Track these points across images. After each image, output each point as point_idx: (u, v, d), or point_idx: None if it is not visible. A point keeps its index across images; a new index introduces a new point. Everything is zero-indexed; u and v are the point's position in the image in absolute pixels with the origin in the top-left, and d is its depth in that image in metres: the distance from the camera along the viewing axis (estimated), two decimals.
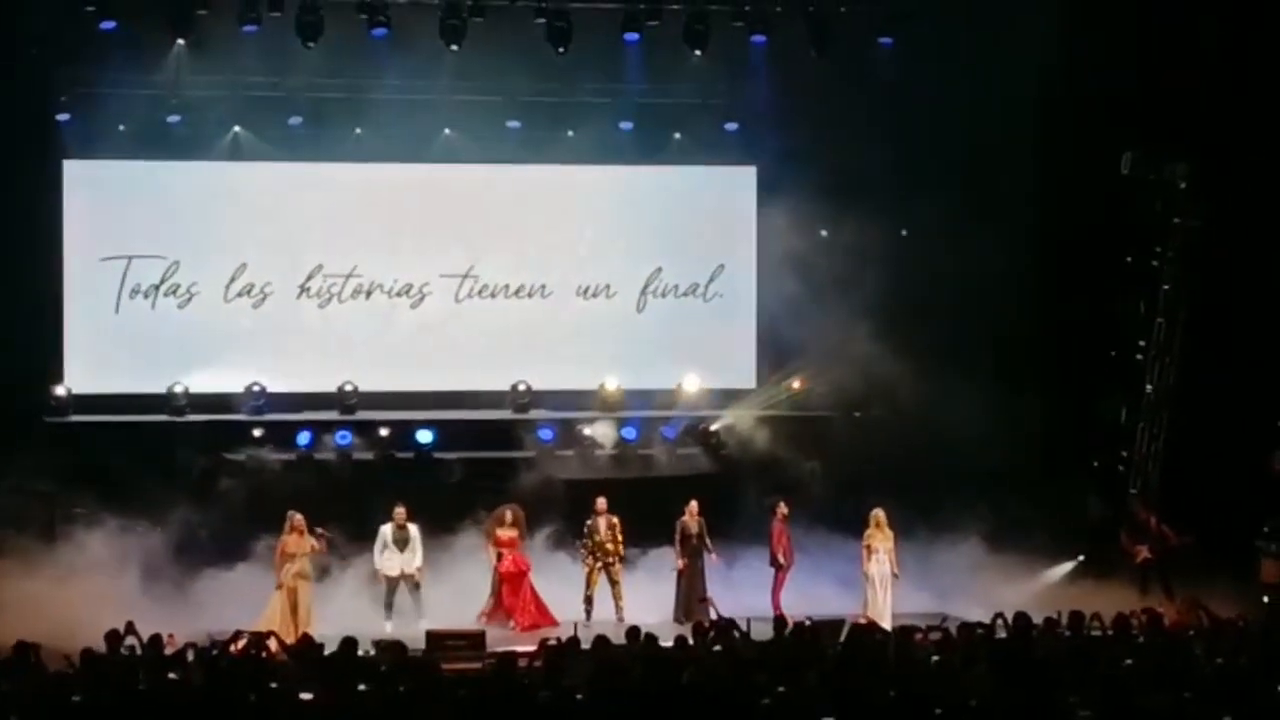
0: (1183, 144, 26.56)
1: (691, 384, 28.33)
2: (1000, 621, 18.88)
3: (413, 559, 24.23)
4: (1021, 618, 18.48)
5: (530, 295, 28.59)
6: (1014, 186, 27.25)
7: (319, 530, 23.57)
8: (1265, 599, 24.34)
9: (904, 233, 27.71)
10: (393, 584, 24.19)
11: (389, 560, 24.22)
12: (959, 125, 26.78)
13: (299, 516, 23.48)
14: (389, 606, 24.11)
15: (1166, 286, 27.07)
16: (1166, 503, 26.49)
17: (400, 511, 24.37)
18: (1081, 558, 26.53)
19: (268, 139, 27.70)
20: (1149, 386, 27.14)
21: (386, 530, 24.29)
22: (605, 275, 28.71)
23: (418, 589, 24.24)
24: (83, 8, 25.68)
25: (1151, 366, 27.14)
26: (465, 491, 26.53)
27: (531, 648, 18.31)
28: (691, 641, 18.24)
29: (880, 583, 24.23)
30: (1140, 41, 26.18)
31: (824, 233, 27.63)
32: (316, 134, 27.74)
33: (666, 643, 18.21)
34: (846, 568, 25.10)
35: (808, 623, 19.27)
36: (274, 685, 16.13)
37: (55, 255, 27.15)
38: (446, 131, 28.02)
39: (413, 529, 24.34)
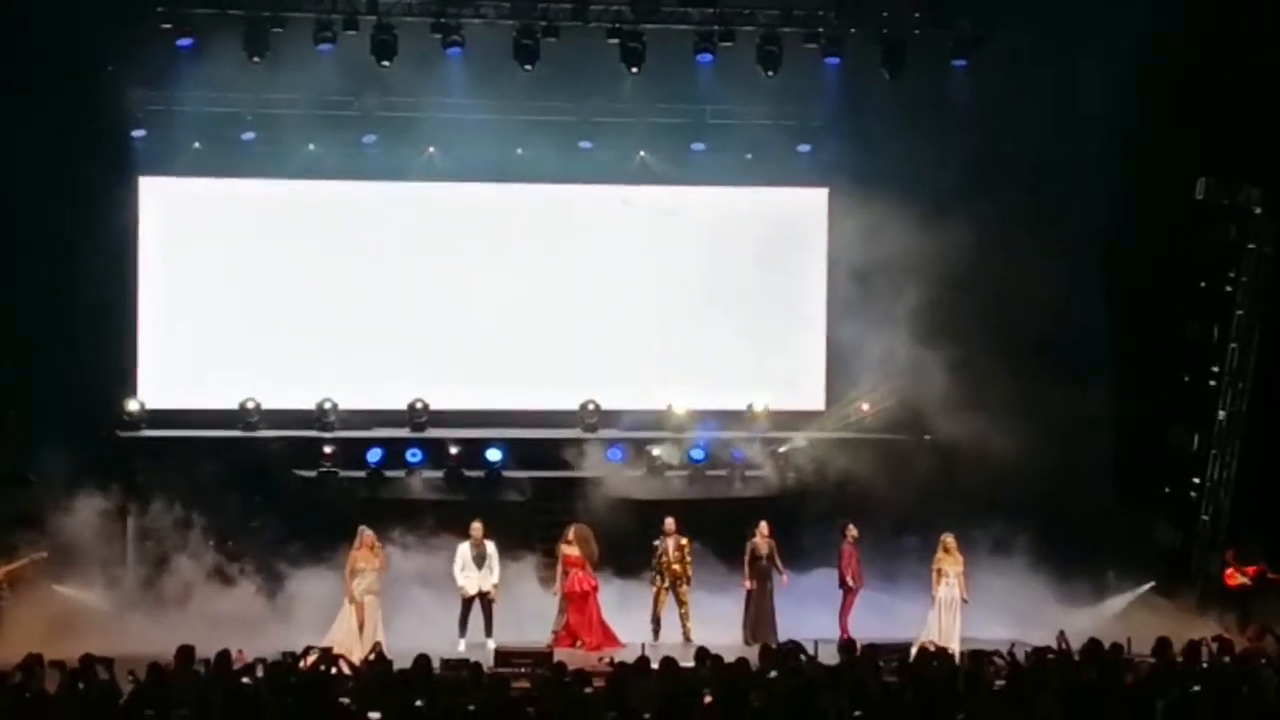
0: (1258, 169, 26.39)
1: (761, 405, 28.31)
2: (1065, 645, 18.83)
3: (489, 576, 24.20)
4: (1092, 644, 18.38)
5: (601, 314, 28.64)
6: (1087, 210, 27.16)
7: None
8: None
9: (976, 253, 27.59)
10: (468, 602, 24.13)
11: (468, 579, 24.16)
12: (1031, 148, 26.67)
13: (369, 532, 23.51)
14: (463, 624, 24.08)
15: (1240, 312, 26.85)
16: (1236, 531, 26.33)
17: (477, 528, 24.33)
18: (1153, 583, 26.35)
19: (341, 156, 27.85)
20: (1221, 413, 26.92)
21: (464, 549, 24.26)
22: (676, 295, 28.70)
23: (490, 606, 24.19)
24: (159, 26, 25.86)
25: (1224, 393, 26.92)
26: (534, 510, 26.61)
27: (599, 667, 18.29)
28: (759, 664, 18.19)
29: (949, 607, 24.12)
30: (1215, 65, 26.02)
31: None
32: (390, 152, 27.95)
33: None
34: (915, 591, 25.03)
35: (876, 646, 19.20)
36: (343, 701, 16.20)
37: (130, 271, 27.39)
38: (519, 151, 28.10)
39: (489, 546, 24.29)
